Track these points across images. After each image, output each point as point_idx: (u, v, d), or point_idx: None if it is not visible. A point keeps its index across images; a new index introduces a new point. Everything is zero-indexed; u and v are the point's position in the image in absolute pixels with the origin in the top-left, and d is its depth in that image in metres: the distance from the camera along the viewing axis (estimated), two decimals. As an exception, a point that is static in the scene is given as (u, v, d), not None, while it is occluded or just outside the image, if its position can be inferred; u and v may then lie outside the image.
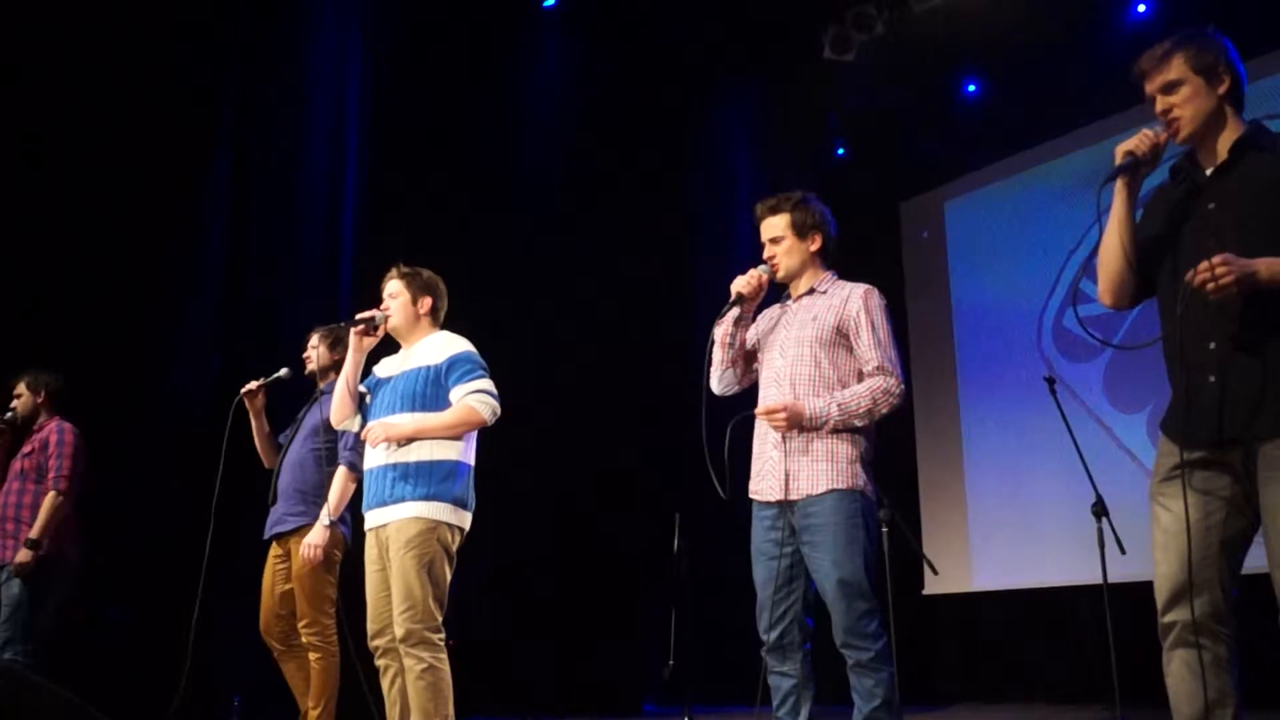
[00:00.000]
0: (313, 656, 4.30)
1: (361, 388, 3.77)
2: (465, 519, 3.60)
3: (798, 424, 3.08)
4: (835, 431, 3.11)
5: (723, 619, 6.19)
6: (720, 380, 3.37)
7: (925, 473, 7.56)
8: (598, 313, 7.49)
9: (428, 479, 3.51)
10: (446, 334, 3.78)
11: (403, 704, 3.50)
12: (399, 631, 3.43)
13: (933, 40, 7.08)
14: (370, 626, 3.58)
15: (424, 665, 3.40)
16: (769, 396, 3.23)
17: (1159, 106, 2.49)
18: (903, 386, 3.16)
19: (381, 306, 3.75)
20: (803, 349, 3.20)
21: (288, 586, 4.37)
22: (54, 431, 4.94)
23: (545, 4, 7.67)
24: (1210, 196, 2.44)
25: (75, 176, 5.85)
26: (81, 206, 5.86)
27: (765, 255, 3.33)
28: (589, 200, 7.59)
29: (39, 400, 5.03)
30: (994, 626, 7.00)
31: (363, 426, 3.71)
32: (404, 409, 3.58)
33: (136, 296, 6.01)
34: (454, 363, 3.61)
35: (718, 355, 3.35)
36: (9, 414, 4.99)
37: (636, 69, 7.61)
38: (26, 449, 4.95)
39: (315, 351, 4.61)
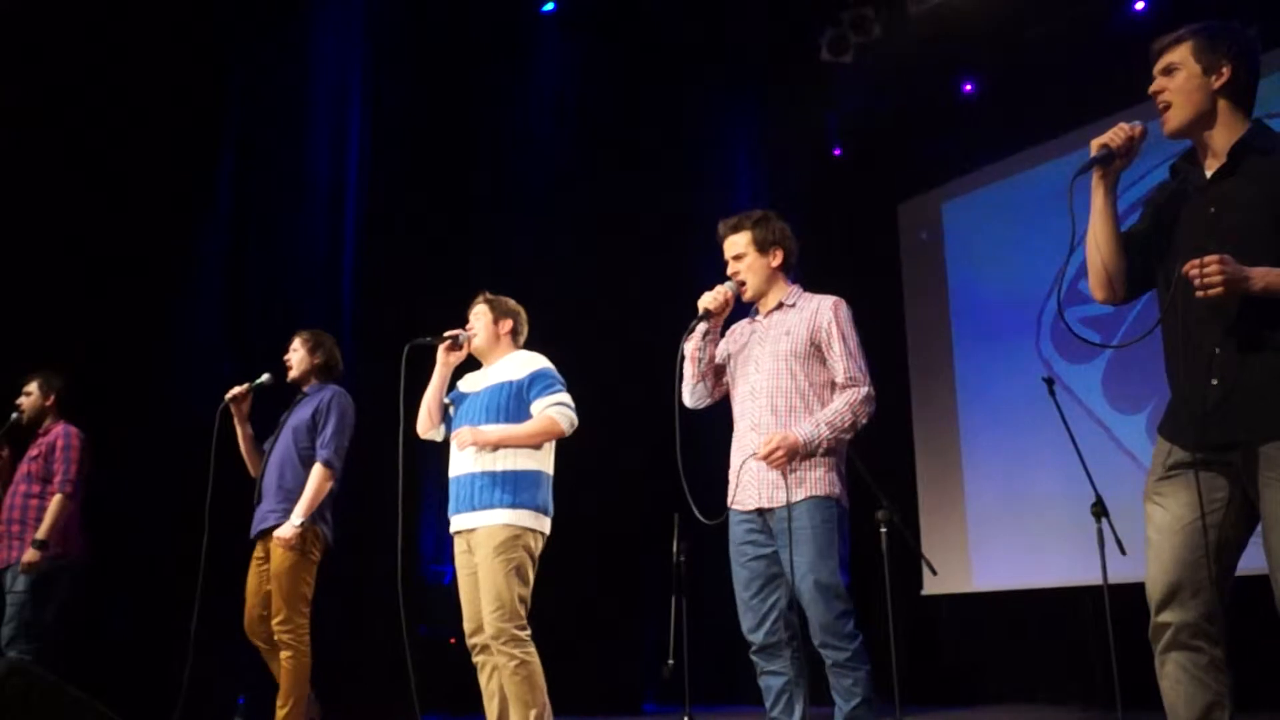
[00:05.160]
0: (284, 655, 4.33)
1: (446, 399, 4.04)
2: (546, 524, 3.92)
3: (795, 454, 3.15)
4: None
5: (723, 618, 6.20)
6: (693, 394, 3.49)
7: (924, 473, 7.57)
8: (596, 314, 7.50)
9: (514, 487, 3.81)
10: (526, 352, 4.08)
11: (501, 697, 3.79)
12: (489, 630, 3.74)
13: (930, 42, 7.09)
14: (467, 626, 3.88)
15: (517, 662, 3.72)
16: (747, 410, 3.33)
17: (1152, 86, 2.48)
18: (873, 391, 3.26)
19: (467, 327, 4.06)
20: (779, 363, 3.30)
21: (270, 587, 4.38)
22: (60, 435, 4.96)
23: (544, 8, 7.71)
24: (1210, 200, 2.41)
25: (81, 179, 5.87)
26: (86, 209, 5.88)
27: (729, 272, 3.43)
28: (587, 202, 7.61)
29: (47, 403, 5.04)
30: (994, 627, 7.00)
31: (445, 437, 4.01)
32: (488, 420, 3.86)
33: (141, 299, 6.03)
34: (535, 378, 3.92)
35: (688, 370, 3.46)
36: (14, 414, 5.01)
37: (635, 73, 7.64)
38: (34, 452, 4.96)
39: (296, 355, 4.65)
